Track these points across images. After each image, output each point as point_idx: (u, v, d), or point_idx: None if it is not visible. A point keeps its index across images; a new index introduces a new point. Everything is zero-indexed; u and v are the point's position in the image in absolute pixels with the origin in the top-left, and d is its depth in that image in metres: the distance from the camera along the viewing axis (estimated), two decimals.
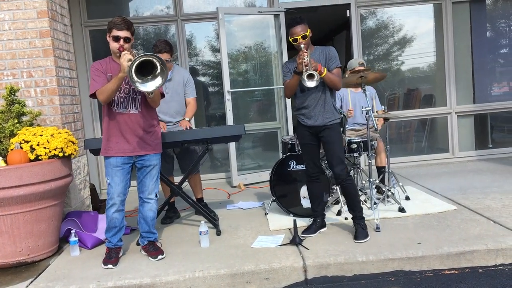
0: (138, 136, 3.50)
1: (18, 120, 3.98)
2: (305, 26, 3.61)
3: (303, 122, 3.79)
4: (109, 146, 3.48)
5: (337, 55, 3.70)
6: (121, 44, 3.37)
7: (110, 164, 3.48)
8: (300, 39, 3.58)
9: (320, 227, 3.91)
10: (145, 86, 3.16)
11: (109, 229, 3.55)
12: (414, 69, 7.13)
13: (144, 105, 3.52)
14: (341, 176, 3.68)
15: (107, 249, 3.57)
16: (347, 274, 3.26)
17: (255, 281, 3.22)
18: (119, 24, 3.36)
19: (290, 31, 3.63)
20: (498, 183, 5.18)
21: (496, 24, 7.08)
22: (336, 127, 3.73)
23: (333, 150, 3.70)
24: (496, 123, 7.16)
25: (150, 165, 3.58)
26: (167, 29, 6.73)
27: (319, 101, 3.69)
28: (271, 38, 6.56)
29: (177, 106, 4.56)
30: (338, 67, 3.67)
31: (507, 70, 7.09)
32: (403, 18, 6.90)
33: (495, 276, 3.14)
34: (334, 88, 3.68)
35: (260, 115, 6.78)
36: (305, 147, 3.86)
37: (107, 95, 3.34)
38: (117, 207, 3.50)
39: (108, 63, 3.48)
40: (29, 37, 4.31)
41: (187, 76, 4.64)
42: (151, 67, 3.14)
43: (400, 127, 7.08)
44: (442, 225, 3.87)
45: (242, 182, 6.16)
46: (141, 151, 3.52)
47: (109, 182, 3.50)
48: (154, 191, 3.64)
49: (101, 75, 3.41)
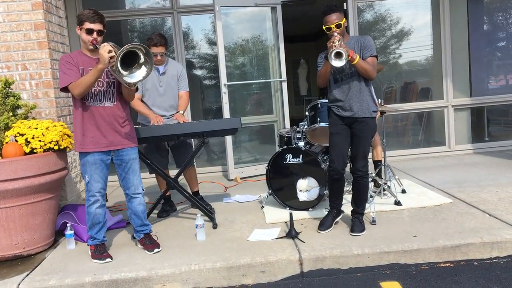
0: (114, 130, 3.44)
1: (13, 113, 3.96)
2: (340, 14, 3.46)
3: (337, 112, 3.65)
4: (84, 141, 3.38)
5: (373, 44, 3.54)
6: (94, 37, 3.33)
7: (87, 162, 3.40)
8: (334, 27, 3.45)
9: (336, 217, 3.83)
10: (132, 78, 3.13)
11: (93, 226, 3.50)
12: (411, 62, 7.12)
13: (119, 98, 3.48)
14: (360, 172, 3.61)
15: (93, 246, 3.51)
16: (343, 267, 3.27)
17: (251, 274, 3.22)
18: (92, 17, 3.30)
19: (324, 19, 3.48)
20: (494, 176, 5.20)
21: (494, 17, 7.06)
22: (369, 121, 3.59)
23: (360, 144, 3.59)
24: (492, 116, 7.17)
25: (129, 159, 3.53)
26: (163, 21, 6.69)
27: (354, 92, 3.56)
28: (267, 30, 6.53)
29: (171, 100, 4.54)
30: (373, 56, 3.52)
31: (504, 63, 7.08)
32: (401, 11, 6.88)
33: (490, 269, 3.15)
34: (367, 77, 3.52)
35: (257, 108, 6.77)
36: (336, 137, 3.67)
37: (84, 88, 3.25)
38: (100, 203, 3.47)
39: (79, 56, 3.39)
40: (23, 29, 4.28)
41: (180, 69, 4.61)
42: (134, 57, 3.11)
43: (396, 120, 7.08)
44: (438, 218, 3.88)
45: (238, 176, 6.15)
46: (118, 145, 3.47)
47: (88, 180, 3.42)
48: (140, 185, 3.61)
49: (73, 68, 3.32)
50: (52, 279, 3.18)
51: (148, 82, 4.43)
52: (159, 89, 4.46)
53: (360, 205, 3.73)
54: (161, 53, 4.35)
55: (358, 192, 3.71)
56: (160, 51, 4.33)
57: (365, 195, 3.72)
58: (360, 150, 3.61)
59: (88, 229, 3.54)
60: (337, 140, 3.66)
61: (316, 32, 12.15)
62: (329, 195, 3.85)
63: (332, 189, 3.80)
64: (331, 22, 3.46)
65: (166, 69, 4.49)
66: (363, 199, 3.72)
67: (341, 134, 3.65)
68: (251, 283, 3.22)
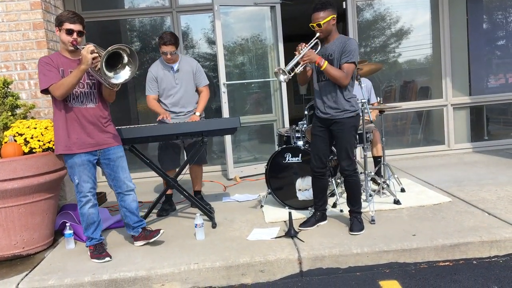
0: (99, 130, 3.44)
1: (11, 112, 3.96)
2: (326, 12, 3.44)
3: (316, 113, 3.74)
4: (70, 142, 3.36)
5: (353, 49, 3.45)
6: (75, 38, 3.32)
7: (75, 164, 3.38)
8: (316, 27, 3.48)
9: (320, 220, 3.89)
10: (118, 78, 3.13)
11: (88, 227, 3.50)
12: (410, 61, 7.11)
13: (100, 99, 3.48)
14: (346, 172, 3.64)
15: (92, 247, 3.51)
16: (342, 266, 3.27)
17: (250, 274, 3.22)
18: (71, 18, 3.30)
19: (311, 16, 3.51)
20: (493, 175, 5.19)
21: (493, 16, 7.06)
22: (347, 121, 3.58)
23: (341, 144, 3.61)
24: (492, 115, 7.17)
25: (117, 157, 3.54)
26: (163, 21, 6.69)
27: (329, 94, 3.59)
28: (267, 30, 6.53)
29: (188, 96, 4.57)
30: (350, 62, 3.45)
31: (503, 62, 7.08)
32: (400, 10, 6.87)
33: (490, 268, 3.15)
34: (337, 83, 3.50)
35: (256, 107, 6.76)
36: (314, 138, 3.76)
37: (66, 89, 3.22)
38: (92, 202, 3.47)
39: (58, 57, 3.38)
40: (22, 29, 4.28)
41: (195, 64, 4.63)
42: (117, 57, 3.11)
43: (396, 119, 7.08)
44: (437, 217, 3.88)
45: (238, 175, 6.15)
46: (104, 145, 3.47)
47: (78, 182, 3.41)
48: (130, 181, 3.61)
49: (53, 69, 3.29)
50: (51, 278, 3.18)
51: (164, 82, 4.49)
52: (176, 86, 4.49)
53: (355, 204, 3.73)
54: (171, 51, 4.37)
55: (349, 190, 3.73)
56: (170, 49, 4.35)
57: (356, 193, 3.73)
58: (342, 150, 3.63)
59: (84, 230, 3.54)
60: (315, 141, 3.77)
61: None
62: (313, 194, 3.94)
63: (314, 188, 3.89)
64: (313, 20, 3.50)
65: (180, 66, 4.51)
66: (356, 197, 3.73)
67: (319, 135, 3.74)
68: (250, 282, 3.22)
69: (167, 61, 4.46)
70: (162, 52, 4.40)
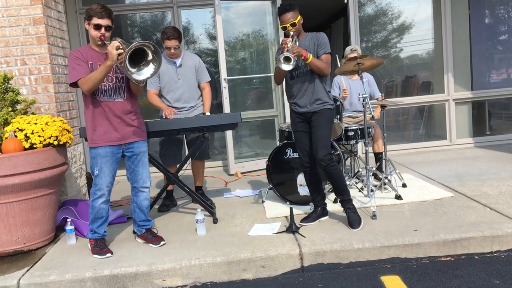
0: (125, 124, 3.45)
1: (12, 108, 3.95)
2: (294, 13, 3.56)
3: (294, 109, 3.77)
4: (95, 136, 3.40)
5: (327, 41, 3.63)
6: (103, 33, 3.32)
7: (99, 154, 3.40)
8: (289, 26, 3.55)
9: (321, 216, 3.88)
10: (141, 75, 3.13)
11: (95, 220, 3.50)
12: (412, 56, 7.09)
13: (128, 93, 3.48)
14: (323, 162, 3.60)
15: (93, 241, 3.51)
16: (343, 261, 3.26)
17: (252, 269, 3.22)
18: (100, 12, 3.30)
19: (279, 18, 3.60)
20: (495, 170, 5.18)
21: (495, 10, 7.02)
22: (325, 112, 3.66)
23: (317, 134, 3.64)
24: (494, 110, 7.15)
25: (140, 152, 3.55)
26: (163, 16, 6.67)
27: (308, 88, 3.66)
28: (268, 25, 6.50)
29: (190, 91, 4.56)
30: (327, 53, 3.60)
31: (505, 57, 7.05)
32: (402, 5, 6.84)
33: (491, 263, 3.14)
34: (321, 74, 3.61)
35: (257, 103, 6.75)
36: (297, 134, 3.82)
37: (93, 84, 3.25)
38: (106, 197, 3.47)
39: (88, 51, 3.39)
40: (22, 24, 4.26)
41: (198, 60, 4.62)
42: (142, 54, 3.10)
43: (398, 114, 7.06)
44: (439, 212, 3.87)
45: (239, 170, 6.15)
46: (129, 139, 3.48)
47: (97, 173, 3.42)
48: (148, 179, 3.63)
49: (82, 63, 3.31)
50: (53, 274, 3.18)
51: (166, 76, 4.46)
52: (178, 82, 4.48)
53: (343, 192, 3.73)
54: (175, 46, 4.35)
55: (335, 181, 3.70)
56: (173, 44, 4.33)
57: (343, 181, 3.72)
58: (318, 138, 3.63)
59: (90, 222, 3.53)
60: (300, 137, 3.81)
61: (317, 26, 12.11)
62: (309, 191, 3.97)
63: (308, 184, 3.93)
64: (285, 21, 3.56)
65: (183, 61, 4.50)
66: (342, 185, 3.72)
67: (301, 131, 3.78)
68: (251, 277, 3.22)
69: (170, 56, 4.45)
70: (165, 47, 4.38)
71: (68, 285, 3.12)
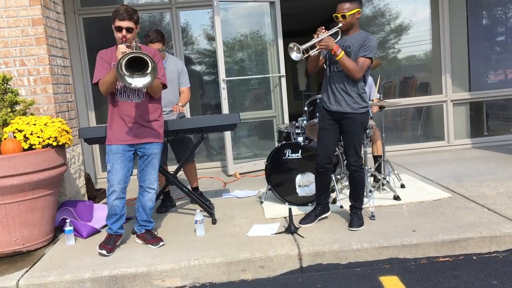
0: (140, 125, 3.48)
1: (11, 109, 3.95)
2: (353, 5, 3.42)
3: (325, 106, 3.66)
4: (112, 134, 3.48)
5: (373, 46, 3.45)
6: (124, 35, 3.35)
7: (111, 150, 3.48)
8: (340, 18, 3.45)
9: (321, 214, 3.86)
10: (132, 81, 3.12)
11: (110, 216, 3.55)
12: (410, 57, 7.11)
13: (147, 95, 3.51)
14: (353, 167, 3.63)
15: (108, 235, 3.59)
16: (342, 261, 3.27)
17: (251, 269, 3.23)
18: (120, 14, 3.33)
19: (337, 6, 3.48)
20: (493, 171, 5.20)
21: (493, 11, 7.05)
22: (359, 116, 3.55)
23: (350, 140, 3.59)
24: (491, 110, 7.17)
25: (151, 153, 3.56)
26: (162, 17, 6.67)
27: (341, 87, 3.54)
28: (266, 26, 6.51)
29: (170, 95, 4.52)
30: (366, 57, 3.44)
31: (503, 58, 7.08)
32: (400, 6, 6.86)
33: (489, 263, 3.16)
34: (350, 75, 3.46)
35: (256, 103, 6.76)
36: (322, 132, 3.69)
37: (106, 87, 3.36)
38: (117, 194, 3.49)
39: (113, 52, 3.46)
40: (21, 25, 4.26)
41: (181, 65, 4.61)
42: (142, 64, 3.11)
43: (396, 115, 7.07)
44: (437, 212, 3.88)
45: (237, 171, 6.15)
46: (141, 140, 3.51)
47: (110, 169, 3.49)
48: (155, 182, 3.64)
49: (104, 64, 3.41)
50: (52, 275, 3.18)
51: None
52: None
53: (357, 200, 3.73)
54: (159, 49, 4.33)
55: (353, 186, 3.73)
56: (157, 47, 4.31)
57: (360, 189, 3.72)
58: (351, 146, 3.61)
59: (106, 218, 3.60)
60: (324, 135, 3.70)
61: (315, 27, 12.11)
62: (315, 189, 3.91)
63: (318, 183, 3.86)
64: (339, 11, 3.47)
65: (166, 64, 4.47)
66: (359, 193, 3.73)
67: (328, 129, 3.67)
68: (250, 278, 3.23)
69: None
70: None
71: (67, 285, 3.12)
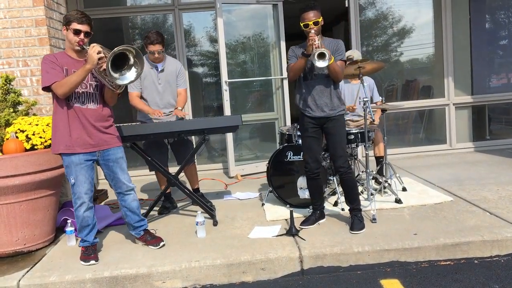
0: (99, 130, 3.38)
1: (13, 109, 3.97)
2: (318, 12, 3.51)
3: (308, 114, 3.69)
4: (72, 142, 3.30)
5: (344, 49, 3.64)
6: (81, 38, 3.29)
7: (72, 163, 3.32)
8: (312, 25, 3.49)
9: (319, 219, 3.90)
10: (124, 80, 3.10)
11: (82, 229, 3.44)
12: (412, 60, 7.10)
13: (102, 101, 3.43)
14: (342, 169, 3.64)
15: (83, 248, 3.45)
16: (343, 264, 3.26)
17: (251, 271, 3.22)
18: (79, 18, 3.26)
19: (302, 16, 3.52)
20: (495, 175, 5.19)
21: (496, 15, 7.04)
22: (341, 118, 3.68)
23: (336, 142, 3.64)
24: (494, 114, 7.16)
25: (117, 158, 3.47)
26: (165, 18, 6.68)
27: (325, 92, 3.62)
28: (269, 28, 6.52)
29: (170, 97, 4.53)
30: (343, 60, 3.62)
31: (506, 62, 7.06)
32: (403, 9, 6.86)
33: (491, 267, 3.15)
34: (335, 79, 3.58)
35: (258, 105, 6.76)
36: (307, 140, 3.75)
37: (69, 88, 3.18)
38: (87, 205, 3.39)
39: (63, 57, 3.34)
40: (24, 26, 4.27)
41: (179, 66, 4.61)
42: (124, 58, 3.09)
43: (398, 118, 7.06)
44: (439, 216, 3.87)
45: (239, 173, 6.15)
46: (103, 146, 3.41)
47: (74, 182, 3.35)
48: (130, 182, 3.56)
49: (57, 67, 3.25)
50: (53, 275, 3.18)
51: (147, 80, 4.42)
52: (158, 86, 4.45)
53: (354, 201, 3.74)
54: (158, 51, 4.34)
55: (347, 188, 3.74)
56: (157, 49, 4.32)
57: (355, 189, 3.74)
58: (337, 148, 3.65)
59: (78, 231, 3.48)
60: (310, 142, 3.74)
61: None
62: (310, 195, 3.95)
63: (310, 189, 3.91)
64: (309, 19, 3.50)
65: (165, 66, 4.48)
66: (354, 193, 3.74)
67: (313, 136, 3.73)
68: (251, 280, 3.22)
69: (153, 60, 4.42)
70: (149, 52, 4.36)
71: (68, 286, 3.12)
